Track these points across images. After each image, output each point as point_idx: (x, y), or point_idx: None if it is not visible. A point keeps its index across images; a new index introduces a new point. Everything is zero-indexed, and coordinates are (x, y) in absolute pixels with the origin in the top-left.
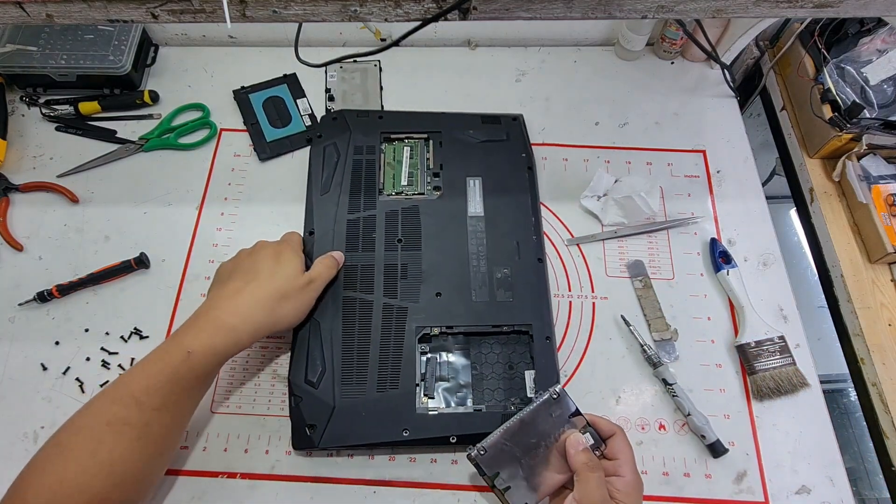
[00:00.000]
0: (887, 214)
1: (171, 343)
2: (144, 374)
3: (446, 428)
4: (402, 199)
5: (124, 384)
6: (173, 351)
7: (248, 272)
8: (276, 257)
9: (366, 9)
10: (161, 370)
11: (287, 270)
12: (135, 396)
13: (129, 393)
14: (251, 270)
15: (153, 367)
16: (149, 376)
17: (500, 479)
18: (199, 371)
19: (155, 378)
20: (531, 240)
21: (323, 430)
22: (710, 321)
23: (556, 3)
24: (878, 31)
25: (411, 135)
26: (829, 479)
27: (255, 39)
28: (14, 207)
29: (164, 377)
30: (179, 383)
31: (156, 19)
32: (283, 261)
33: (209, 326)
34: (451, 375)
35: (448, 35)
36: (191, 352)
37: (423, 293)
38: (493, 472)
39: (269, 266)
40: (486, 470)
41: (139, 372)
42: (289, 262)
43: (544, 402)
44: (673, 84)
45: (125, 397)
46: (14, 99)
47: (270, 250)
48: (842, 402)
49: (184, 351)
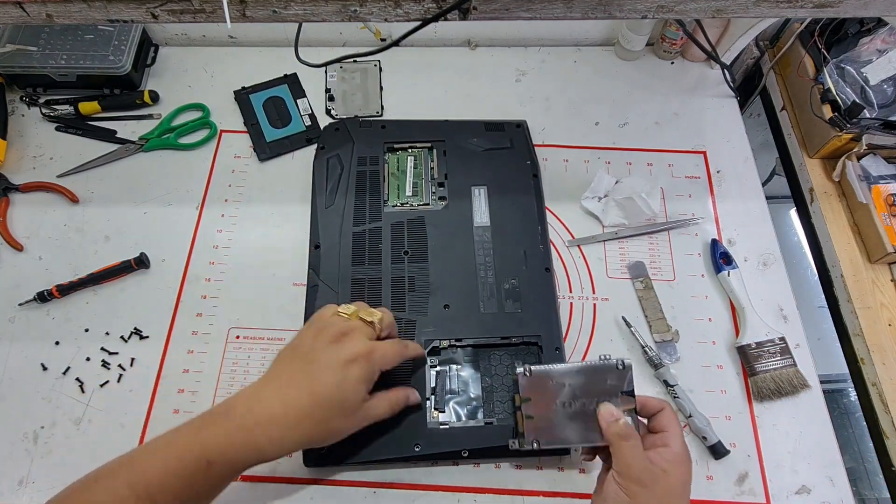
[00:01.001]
0: (887, 214)
1: (195, 438)
2: (162, 467)
3: (458, 442)
4: (408, 210)
5: (141, 468)
6: (195, 452)
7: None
8: (344, 365)
9: (366, 9)
10: (178, 470)
11: (351, 387)
12: (149, 491)
13: (144, 484)
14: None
15: (171, 461)
16: (166, 472)
17: (527, 405)
18: (217, 480)
19: (171, 476)
20: (538, 249)
21: (334, 446)
22: (710, 322)
23: (556, 3)
24: (878, 31)
25: (415, 144)
26: (829, 479)
27: (255, 39)
28: (14, 207)
29: (180, 479)
30: (194, 488)
31: (156, 19)
32: (351, 374)
33: (238, 439)
34: (461, 388)
35: (448, 35)
36: (211, 462)
37: (431, 306)
38: (526, 397)
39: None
40: (522, 391)
41: (159, 459)
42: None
43: (607, 366)
44: (673, 84)
45: (139, 487)
46: (14, 99)
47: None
48: (842, 402)
49: (203, 459)
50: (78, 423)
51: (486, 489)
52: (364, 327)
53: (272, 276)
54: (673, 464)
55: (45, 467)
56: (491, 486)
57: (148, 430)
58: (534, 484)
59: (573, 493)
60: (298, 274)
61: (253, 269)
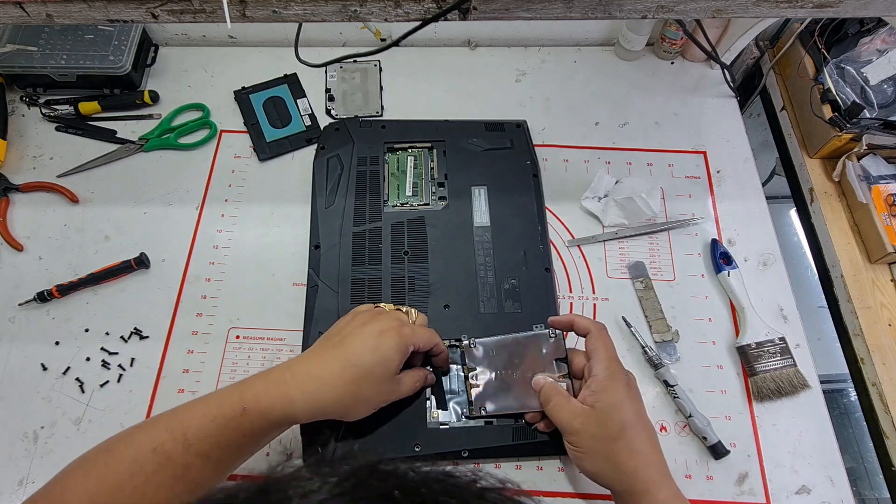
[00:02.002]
0: (887, 214)
1: (235, 389)
2: (200, 414)
3: (458, 442)
4: (408, 210)
5: (181, 416)
6: (233, 400)
7: (336, 336)
8: (378, 335)
9: (366, 9)
10: (215, 416)
11: (383, 354)
12: (185, 434)
13: (181, 427)
14: (345, 335)
15: (210, 408)
16: (203, 417)
17: (473, 375)
18: (247, 430)
19: (208, 422)
20: (538, 249)
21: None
22: (710, 322)
23: (556, 3)
24: (878, 31)
25: (415, 144)
26: (829, 479)
27: (255, 39)
28: (14, 207)
29: (216, 425)
30: (227, 436)
31: (156, 19)
32: (384, 343)
33: (274, 389)
34: (461, 389)
35: (448, 35)
36: (246, 408)
37: (432, 306)
38: (472, 367)
39: (367, 337)
40: (468, 362)
41: (199, 408)
42: (387, 347)
43: (540, 336)
44: (673, 84)
45: (177, 430)
46: (14, 99)
47: (375, 325)
48: (842, 402)
49: (240, 406)
50: (78, 423)
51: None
52: (396, 311)
53: (272, 276)
54: (598, 392)
55: (45, 467)
56: None
57: None
58: (534, 484)
59: (573, 494)
60: (298, 274)
61: (253, 269)
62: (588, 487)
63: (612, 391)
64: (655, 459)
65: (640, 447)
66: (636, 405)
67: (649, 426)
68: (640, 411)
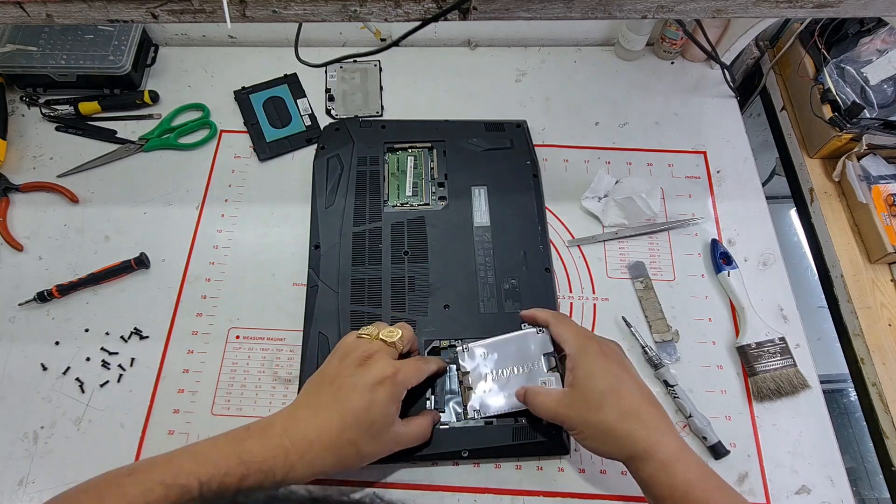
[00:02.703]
0: (887, 214)
1: (233, 449)
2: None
3: (458, 442)
4: (408, 210)
5: (177, 469)
6: (232, 463)
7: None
8: (371, 388)
9: (366, 9)
10: (212, 477)
11: (380, 409)
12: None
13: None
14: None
15: (208, 467)
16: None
17: (468, 378)
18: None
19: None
20: (538, 249)
21: None
22: (710, 322)
23: (556, 3)
24: (878, 31)
25: (415, 144)
26: (829, 479)
27: (255, 39)
28: (14, 207)
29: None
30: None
31: (156, 19)
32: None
33: (273, 456)
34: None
35: (448, 35)
36: (245, 475)
37: (431, 306)
38: (466, 370)
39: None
40: (462, 365)
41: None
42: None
43: (528, 334)
44: (673, 84)
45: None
46: (14, 99)
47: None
48: (842, 402)
49: (239, 470)
50: (78, 423)
51: (486, 489)
52: (386, 348)
53: (272, 276)
54: (572, 370)
55: (45, 467)
56: (491, 486)
57: (148, 430)
58: (534, 484)
59: (573, 494)
60: (298, 274)
61: (253, 269)
62: (588, 487)
63: (583, 363)
64: (649, 417)
65: (628, 407)
66: (614, 368)
67: (634, 386)
68: (619, 375)
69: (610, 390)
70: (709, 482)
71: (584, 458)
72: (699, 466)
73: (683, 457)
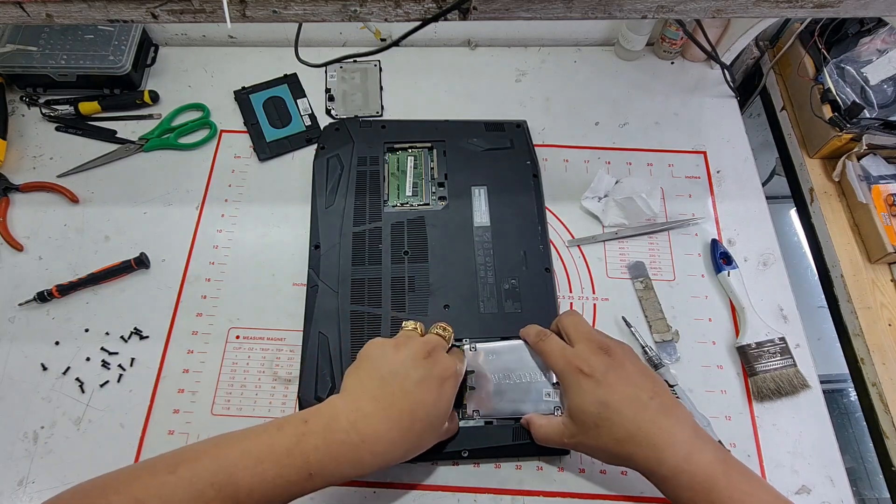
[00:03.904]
0: (887, 214)
1: (296, 447)
2: (256, 472)
3: (458, 442)
4: (408, 210)
5: (230, 468)
6: (297, 463)
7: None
8: (440, 382)
9: (366, 9)
10: (275, 479)
11: (446, 404)
12: (237, 497)
13: (232, 483)
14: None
15: (268, 467)
16: (261, 476)
17: (471, 378)
18: (310, 489)
19: (266, 483)
20: (538, 249)
21: None
22: (710, 322)
23: (556, 3)
24: (878, 31)
25: (415, 144)
26: (829, 479)
27: (255, 39)
28: (14, 207)
29: (275, 487)
30: (286, 497)
31: (156, 19)
32: (446, 393)
33: (343, 455)
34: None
35: (448, 35)
36: (312, 474)
37: (432, 306)
38: (471, 369)
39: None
40: (467, 365)
41: (252, 462)
42: (449, 396)
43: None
44: (673, 84)
45: (227, 487)
46: (14, 99)
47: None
48: (842, 402)
49: (305, 471)
50: (78, 423)
51: (486, 489)
52: (442, 342)
53: (272, 276)
54: (566, 398)
55: (45, 467)
56: (491, 486)
57: (148, 430)
58: (534, 484)
59: (573, 494)
60: (298, 274)
61: (253, 269)
62: (588, 487)
63: (570, 394)
64: (646, 438)
65: (623, 435)
66: (604, 394)
67: (629, 408)
68: (609, 401)
69: (602, 419)
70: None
71: (584, 458)
72: (705, 475)
73: (688, 467)
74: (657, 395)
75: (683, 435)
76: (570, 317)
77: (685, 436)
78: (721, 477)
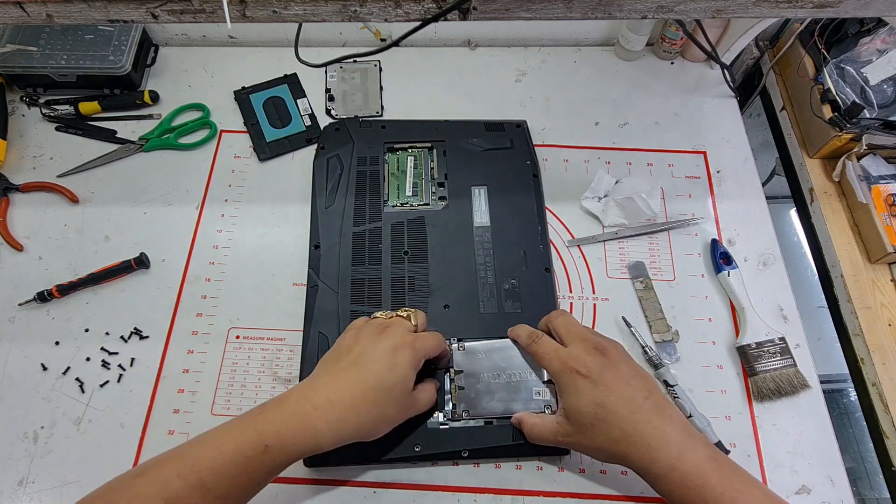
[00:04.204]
0: (887, 214)
1: (250, 424)
2: (216, 454)
3: (458, 442)
4: (408, 210)
5: (193, 458)
6: (251, 437)
7: (347, 355)
8: (392, 352)
9: (366, 9)
10: (234, 455)
11: (401, 371)
12: (201, 478)
13: (196, 471)
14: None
15: (226, 447)
16: (219, 457)
17: (459, 377)
18: (270, 466)
19: (226, 462)
20: (538, 249)
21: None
22: (710, 322)
23: (556, 3)
24: (878, 31)
25: (415, 144)
26: (829, 479)
27: (255, 39)
28: (14, 207)
29: (235, 465)
30: (249, 474)
31: (156, 19)
32: (400, 359)
33: (296, 423)
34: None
35: (448, 35)
36: (268, 446)
37: (431, 306)
38: (459, 369)
39: (381, 356)
40: (455, 365)
41: (211, 447)
42: (404, 364)
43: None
44: (673, 84)
45: (191, 475)
46: (14, 99)
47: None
48: (842, 402)
49: (261, 444)
50: (78, 423)
51: (486, 489)
52: (402, 321)
53: (272, 276)
54: (559, 396)
55: (45, 467)
56: (491, 486)
57: (148, 430)
58: (534, 484)
59: (573, 494)
60: (298, 274)
61: (253, 269)
62: (588, 487)
63: (565, 394)
64: (640, 437)
65: (618, 435)
66: (599, 395)
67: (625, 407)
68: (604, 401)
69: (598, 420)
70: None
71: (584, 458)
72: (697, 473)
73: (680, 465)
74: (651, 395)
75: (676, 434)
76: (561, 317)
77: (677, 435)
78: (712, 474)
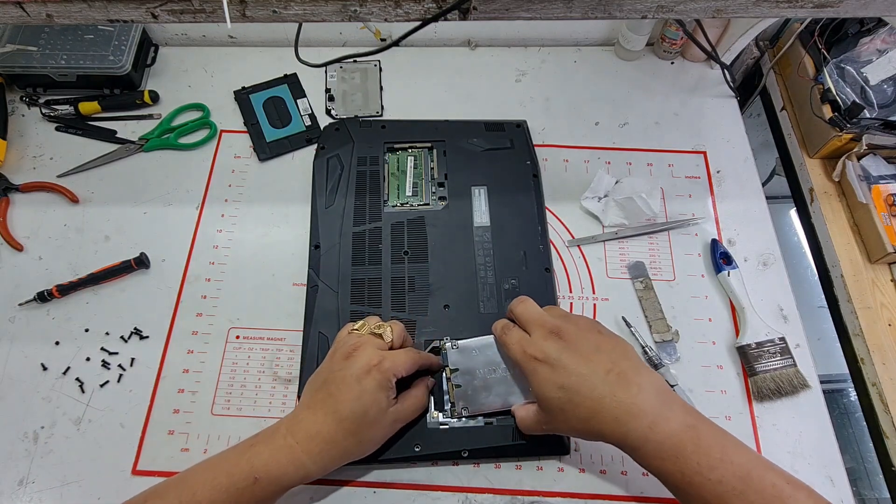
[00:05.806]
0: (887, 214)
1: (243, 458)
2: (211, 486)
3: (458, 442)
4: (408, 210)
5: (192, 488)
6: (243, 470)
7: (322, 386)
8: (358, 379)
9: (366, 9)
10: (227, 488)
11: (369, 398)
12: None
13: (196, 500)
14: (328, 382)
15: (220, 480)
16: (214, 489)
17: (455, 376)
18: (262, 497)
19: (221, 493)
20: (538, 249)
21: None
22: (710, 322)
23: (556, 3)
24: (878, 31)
25: (415, 144)
26: (829, 479)
27: (255, 39)
28: (14, 207)
29: (230, 495)
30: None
31: (156, 19)
32: (366, 386)
33: (282, 457)
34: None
35: (448, 35)
36: (258, 478)
37: (431, 306)
38: (455, 367)
39: (350, 383)
40: (450, 363)
41: (207, 479)
42: (371, 389)
43: None
44: (673, 84)
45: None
46: (14, 99)
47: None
48: (842, 402)
49: (251, 476)
50: (78, 423)
51: (486, 489)
52: (373, 339)
53: (272, 276)
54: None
55: (45, 467)
56: (491, 486)
57: (148, 430)
58: (534, 484)
59: (573, 494)
60: (298, 274)
61: (253, 269)
62: (588, 487)
63: (532, 382)
64: (608, 413)
65: (586, 414)
66: (561, 378)
67: (585, 385)
68: (566, 383)
69: (564, 402)
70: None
71: (584, 458)
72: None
73: (654, 436)
74: (614, 367)
75: (648, 404)
76: (519, 304)
77: (649, 405)
78: (688, 443)
